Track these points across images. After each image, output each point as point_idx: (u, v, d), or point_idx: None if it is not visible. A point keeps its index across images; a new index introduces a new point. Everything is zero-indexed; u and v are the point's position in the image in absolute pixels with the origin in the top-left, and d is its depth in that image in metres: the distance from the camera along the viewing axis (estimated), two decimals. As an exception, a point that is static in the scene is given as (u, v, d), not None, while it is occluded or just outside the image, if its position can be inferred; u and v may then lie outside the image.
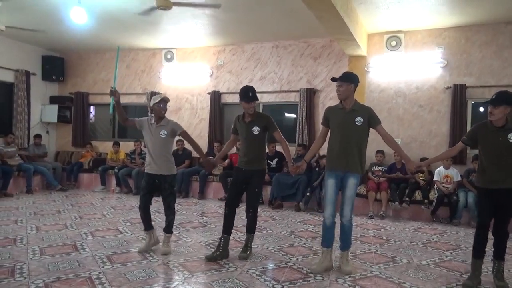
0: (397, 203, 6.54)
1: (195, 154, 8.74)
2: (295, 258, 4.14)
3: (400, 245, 4.83)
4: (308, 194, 7.09)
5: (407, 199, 6.57)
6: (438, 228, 5.94)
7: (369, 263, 4.06)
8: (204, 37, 8.38)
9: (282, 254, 4.28)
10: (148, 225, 4.32)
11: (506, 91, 3.50)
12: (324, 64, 8.13)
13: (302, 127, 8.05)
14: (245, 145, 4.14)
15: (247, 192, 4.14)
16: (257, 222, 5.68)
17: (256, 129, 4.04)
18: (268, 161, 7.85)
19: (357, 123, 3.68)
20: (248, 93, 4.00)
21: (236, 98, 8.72)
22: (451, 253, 4.56)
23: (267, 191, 7.57)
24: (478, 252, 3.45)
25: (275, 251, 4.41)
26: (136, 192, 8.27)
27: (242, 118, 4.14)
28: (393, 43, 7.45)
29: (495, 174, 3.38)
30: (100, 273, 3.50)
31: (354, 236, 5.18)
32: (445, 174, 6.53)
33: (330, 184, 3.76)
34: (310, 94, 8.02)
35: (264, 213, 6.72)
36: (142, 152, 8.89)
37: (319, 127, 5.71)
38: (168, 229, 4.25)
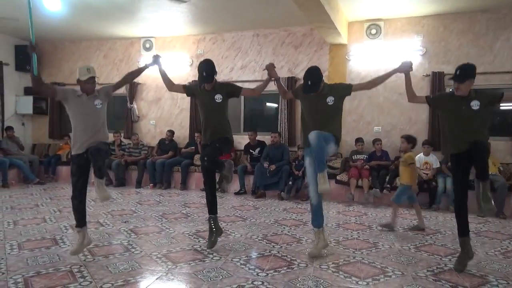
0: (378, 190, 6.64)
1: (180, 145, 8.70)
2: (279, 246, 4.15)
3: (382, 231, 4.91)
4: (290, 183, 7.12)
5: (388, 185, 6.67)
6: (418, 213, 6.05)
7: (352, 249, 4.11)
8: (183, 25, 8.23)
9: (266, 243, 4.29)
10: (83, 220, 3.68)
11: (468, 63, 3.54)
12: (305, 52, 8.11)
13: (283, 116, 8.05)
14: (207, 117, 3.99)
15: (208, 147, 3.94)
16: (241, 211, 5.70)
17: (218, 97, 3.93)
18: (251, 150, 7.84)
19: (329, 102, 3.72)
20: (202, 73, 3.87)
21: (217, 88, 8.72)
22: (431, 237, 4.65)
23: (249, 181, 7.57)
24: (462, 230, 3.54)
25: (259, 239, 4.41)
26: (117, 184, 8.17)
27: (203, 87, 4.00)
28: (373, 31, 7.48)
29: (461, 141, 3.47)
30: (81, 266, 3.43)
31: (337, 223, 5.26)
32: (424, 161, 6.64)
33: (308, 162, 3.77)
34: (291, 83, 8.00)
35: (247, 202, 6.72)
36: (122, 144, 8.76)
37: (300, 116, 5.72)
38: (100, 175, 3.62)
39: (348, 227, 5.07)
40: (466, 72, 3.43)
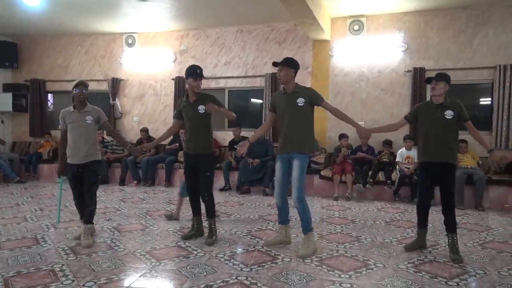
0: (361, 185, 6.73)
1: (164, 142, 8.62)
2: (263, 242, 4.18)
3: (365, 225, 4.98)
4: (274, 178, 7.13)
5: (371, 180, 6.76)
6: (400, 207, 6.16)
7: (335, 243, 4.17)
8: (166, 21, 8.16)
9: (250, 238, 4.31)
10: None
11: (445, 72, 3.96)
12: (289, 48, 8.13)
13: (267, 112, 8.05)
14: (191, 127, 4.12)
15: (199, 178, 4.11)
16: (225, 207, 5.70)
17: (201, 108, 4.03)
18: (235, 146, 7.81)
19: (299, 103, 3.76)
20: (196, 70, 4.03)
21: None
22: (412, 230, 4.74)
23: (234, 177, 7.57)
24: (420, 222, 3.94)
25: (243, 235, 4.43)
26: (100, 182, 8.04)
27: (187, 98, 4.11)
28: (356, 27, 7.55)
29: (433, 148, 3.71)
30: (63, 265, 3.39)
31: (320, 217, 5.32)
32: (406, 155, 6.75)
33: (278, 167, 3.93)
34: (275, 79, 8.01)
35: (231, 198, 6.73)
36: (105, 141, 8.66)
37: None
38: (89, 219, 4.10)
39: (332, 222, 5.13)
40: (442, 75, 3.79)
